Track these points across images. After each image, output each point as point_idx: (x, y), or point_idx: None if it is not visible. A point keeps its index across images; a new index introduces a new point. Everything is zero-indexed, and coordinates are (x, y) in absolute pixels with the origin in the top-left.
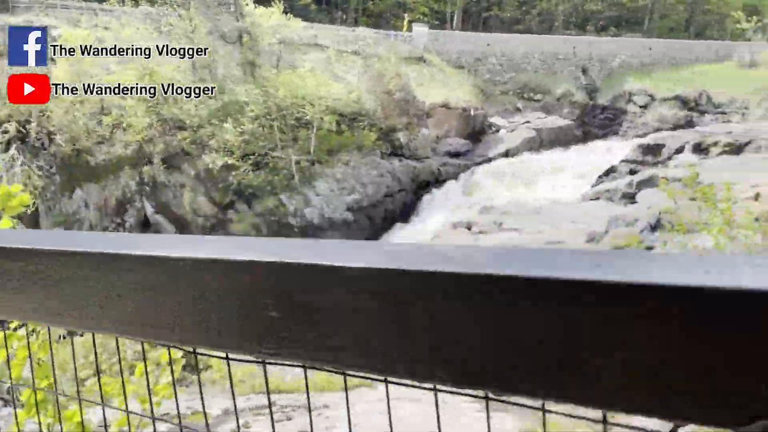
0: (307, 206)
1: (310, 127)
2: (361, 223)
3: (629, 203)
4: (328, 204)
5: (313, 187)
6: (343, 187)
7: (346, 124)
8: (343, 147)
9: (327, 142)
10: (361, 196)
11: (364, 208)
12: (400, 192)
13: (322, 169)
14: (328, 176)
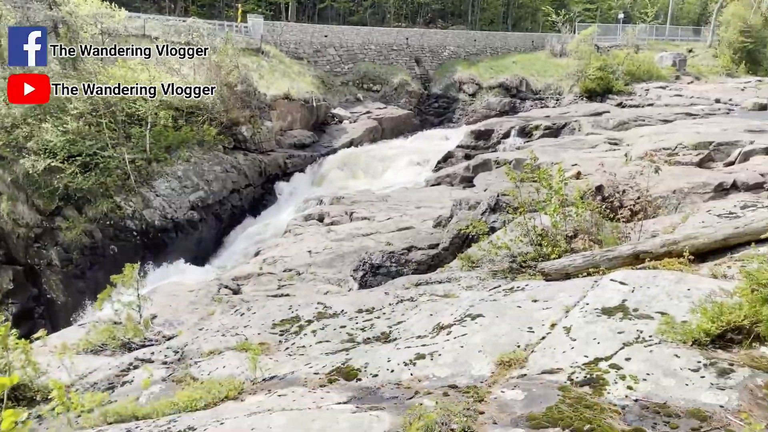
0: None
1: (143, 123)
2: (208, 222)
3: (467, 186)
4: (170, 204)
5: (152, 186)
6: (185, 186)
7: (184, 119)
8: (182, 143)
9: (164, 139)
10: (205, 194)
11: (210, 205)
12: (247, 187)
13: (161, 167)
14: (168, 174)
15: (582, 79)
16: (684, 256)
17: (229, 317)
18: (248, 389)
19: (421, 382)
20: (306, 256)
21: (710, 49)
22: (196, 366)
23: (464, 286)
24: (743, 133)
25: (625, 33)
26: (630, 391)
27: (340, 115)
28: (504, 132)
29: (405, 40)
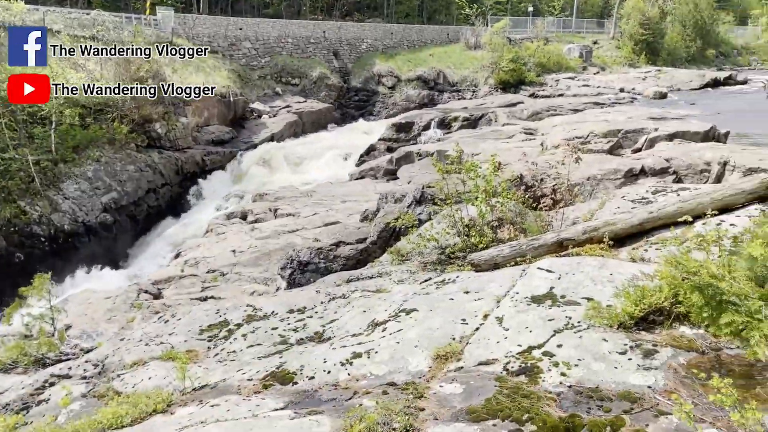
0: (54, 211)
1: (47, 122)
2: (123, 224)
3: (391, 179)
4: (81, 207)
5: (60, 189)
6: (96, 187)
7: (92, 117)
8: (91, 142)
9: (71, 138)
10: (119, 195)
11: (124, 207)
12: (164, 186)
13: (69, 168)
14: (77, 176)
15: (496, 71)
16: (604, 241)
17: (153, 325)
18: (178, 401)
19: (359, 382)
20: (230, 256)
21: (613, 41)
22: (118, 379)
23: (395, 280)
24: (647, 121)
25: (535, 26)
26: (564, 377)
27: (259, 110)
28: (424, 124)
29: (322, 33)
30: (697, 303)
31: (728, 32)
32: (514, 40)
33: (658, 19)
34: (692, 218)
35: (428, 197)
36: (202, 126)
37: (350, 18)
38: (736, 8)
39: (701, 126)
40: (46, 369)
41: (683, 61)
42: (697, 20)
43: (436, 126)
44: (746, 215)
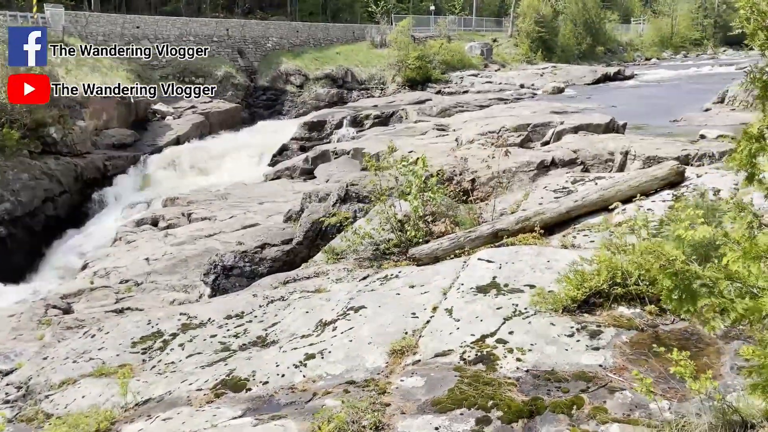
0: None
1: None
2: (19, 236)
3: (308, 178)
4: None
5: None
6: None
7: None
8: None
9: None
10: (12, 206)
11: (19, 218)
12: (62, 194)
13: None
14: None
15: (403, 68)
16: (536, 230)
17: (78, 341)
18: (121, 418)
19: (315, 383)
20: (143, 264)
21: (511, 38)
22: (47, 400)
23: (333, 279)
24: (553, 115)
25: (437, 24)
26: (519, 362)
27: (163, 111)
28: (336, 122)
29: (226, 32)
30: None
31: (614, 30)
32: (419, 39)
33: (551, 18)
34: (621, 202)
35: (353, 195)
36: (102, 129)
37: (253, 16)
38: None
39: (602, 118)
40: None
41: (575, 57)
42: (587, 19)
43: (348, 124)
44: (660, 200)
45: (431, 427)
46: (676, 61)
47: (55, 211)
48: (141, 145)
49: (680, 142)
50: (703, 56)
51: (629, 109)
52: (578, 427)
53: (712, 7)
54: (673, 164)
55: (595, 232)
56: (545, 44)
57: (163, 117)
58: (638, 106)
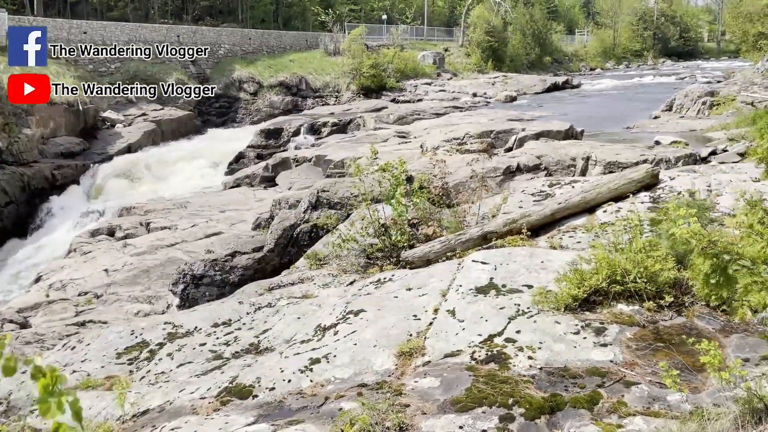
0: None
1: None
2: None
3: (269, 186)
4: None
5: None
6: None
7: None
8: None
9: None
10: None
11: None
12: (8, 205)
13: None
14: None
15: (357, 76)
16: (522, 232)
17: (58, 353)
18: (119, 430)
19: (324, 387)
20: (102, 276)
21: (462, 48)
22: (32, 415)
23: (320, 285)
24: (513, 122)
25: (390, 33)
26: (531, 361)
27: (112, 119)
28: (293, 130)
29: (176, 38)
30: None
31: (560, 41)
32: (372, 47)
33: (501, 29)
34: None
35: (324, 201)
36: (49, 137)
37: (202, 22)
38: (564, 19)
39: (562, 125)
40: None
41: (524, 67)
42: (534, 30)
43: (305, 132)
44: (639, 202)
45: (455, 426)
46: (619, 71)
47: (1, 222)
48: (90, 153)
49: (638, 148)
50: (644, 67)
51: (581, 117)
52: (601, 420)
53: (651, 20)
54: (648, 167)
55: (583, 233)
56: (495, 54)
57: (113, 125)
58: (589, 114)
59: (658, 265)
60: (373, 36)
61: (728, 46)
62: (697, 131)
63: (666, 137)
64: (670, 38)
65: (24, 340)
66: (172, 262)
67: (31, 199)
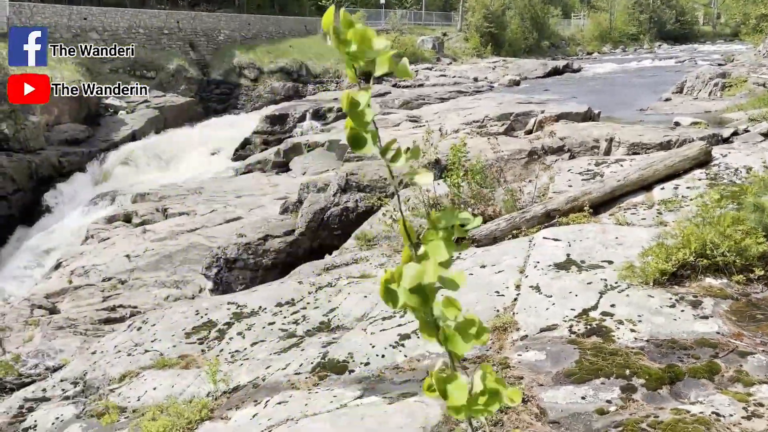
0: None
1: None
2: None
3: (282, 171)
4: None
5: None
6: None
7: None
8: None
9: None
10: None
11: None
12: (16, 193)
13: None
14: None
15: None
16: (584, 209)
17: (124, 334)
18: (216, 406)
19: (420, 362)
20: (124, 262)
21: (461, 33)
22: (114, 394)
23: (376, 265)
24: (530, 105)
25: (389, 18)
26: (635, 333)
27: (115, 106)
28: (299, 115)
29: (176, 24)
30: None
31: (557, 25)
32: None
33: (500, 13)
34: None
35: (353, 184)
36: (53, 124)
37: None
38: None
39: (580, 107)
40: (13, 394)
41: (522, 51)
42: (532, 14)
43: (311, 117)
44: (696, 179)
45: (577, 397)
46: (617, 55)
47: (9, 210)
48: (95, 140)
49: (660, 129)
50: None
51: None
52: (727, 389)
53: (647, 3)
54: (702, 144)
55: (645, 210)
56: (494, 39)
57: (116, 112)
58: (598, 97)
59: (748, 239)
60: (371, 21)
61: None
62: (712, 112)
63: (685, 118)
64: (665, 22)
65: (56, 325)
66: (194, 248)
67: (38, 187)
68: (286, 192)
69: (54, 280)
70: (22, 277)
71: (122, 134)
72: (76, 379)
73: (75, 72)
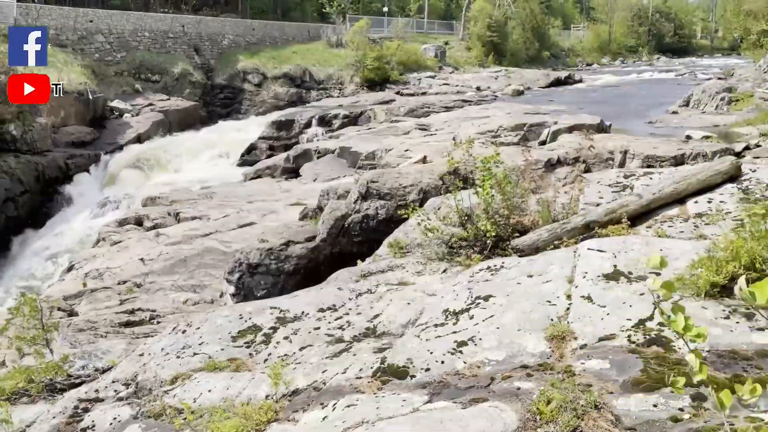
0: None
1: None
2: None
3: (291, 177)
4: None
5: None
6: None
7: None
8: None
9: None
10: None
11: None
12: (23, 194)
13: None
14: None
15: (361, 69)
16: (622, 221)
17: (170, 337)
18: (280, 408)
19: (480, 369)
20: (139, 265)
21: (463, 42)
22: (168, 396)
23: (413, 272)
24: (542, 115)
25: (393, 26)
26: (694, 344)
27: (120, 109)
28: (305, 122)
29: (181, 28)
30: None
31: (557, 36)
32: (375, 40)
33: (503, 23)
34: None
35: (374, 192)
36: (59, 126)
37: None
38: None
39: (593, 119)
40: (65, 394)
41: (524, 61)
42: (534, 24)
43: (317, 124)
44: (728, 193)
45: (648, 405)
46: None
47: (16, 211)
48: (100, 143)
49: (674, 142)
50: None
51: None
52: None
53: (646, 16)
54: (733, 159)
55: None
56: (496, 48)
57: (121, 114)
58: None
59: None
60: (374, 28)
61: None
62: (720, 126)
63: (696, 132)
64: (664, 35)
65: (77, 328)
66: (209, 252)
67: (44, 189)
68: (297, 198)
69: (68, 282)
70: (31, 278)
71: (127, 137)
72: (127, 381)
73: (81, 74)
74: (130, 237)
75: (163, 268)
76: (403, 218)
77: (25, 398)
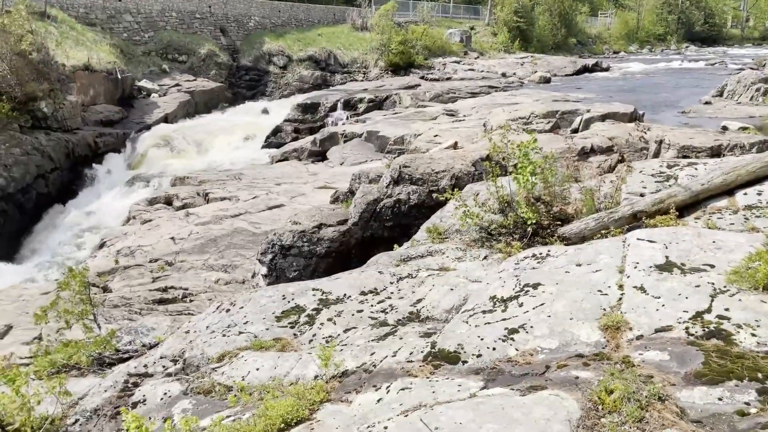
0: None
1: None
2: (11, 213)
3: (318, 161)
4: None
5: None
6: None
7: None
8: None
9: None
10: (5, 181)
11: (11, 195)
12: (53, 171)
13: None
14: None
15: (386, 53)
16: (670, 212)
17: (214, 315)
18: (331, 389)
19: (534, 356)
20: (170, 244)
21: (488, 27)
22: (216, 373)
23: (453, 258)
24: (574, 103)
25: (418, 10)
26: (756, 338)
27: (148, 88)
28: (330, 105)
29: (208, 9)
30: None
31: (584, 22)
32: (400, 24)
33: (530, 8)
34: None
35: (406, 177)
36: (89, 105)
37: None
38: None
39: (626, 108)
40: (114, 368)
41: (550, 48)
42: (561, 10)
43: (342, 107)
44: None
45: (713, 398)
46: (644, 55)
47: (46, 188)
48: (129, 122)
49: (710, 133)
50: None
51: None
52: None
53: (675, 4)
54: None
55: (731, 215)
56: (522, 34)
57: (149, 94)
58: (632, 96)
59: None
60: (400, 12)
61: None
62: (756, 117)
63: (732, 123)
64: (694, 23)
65: (112, 304)
66: (239, 233)
67: (74, 167)
68: (325, 181)
69: (100, 259)
70: (60, 253)
71: (155, 117)
72: (175, 357)
73: (110, 53)
74: (161, 216)
75: (193, 247)
76: (432, 204)
77: (74, 371)
